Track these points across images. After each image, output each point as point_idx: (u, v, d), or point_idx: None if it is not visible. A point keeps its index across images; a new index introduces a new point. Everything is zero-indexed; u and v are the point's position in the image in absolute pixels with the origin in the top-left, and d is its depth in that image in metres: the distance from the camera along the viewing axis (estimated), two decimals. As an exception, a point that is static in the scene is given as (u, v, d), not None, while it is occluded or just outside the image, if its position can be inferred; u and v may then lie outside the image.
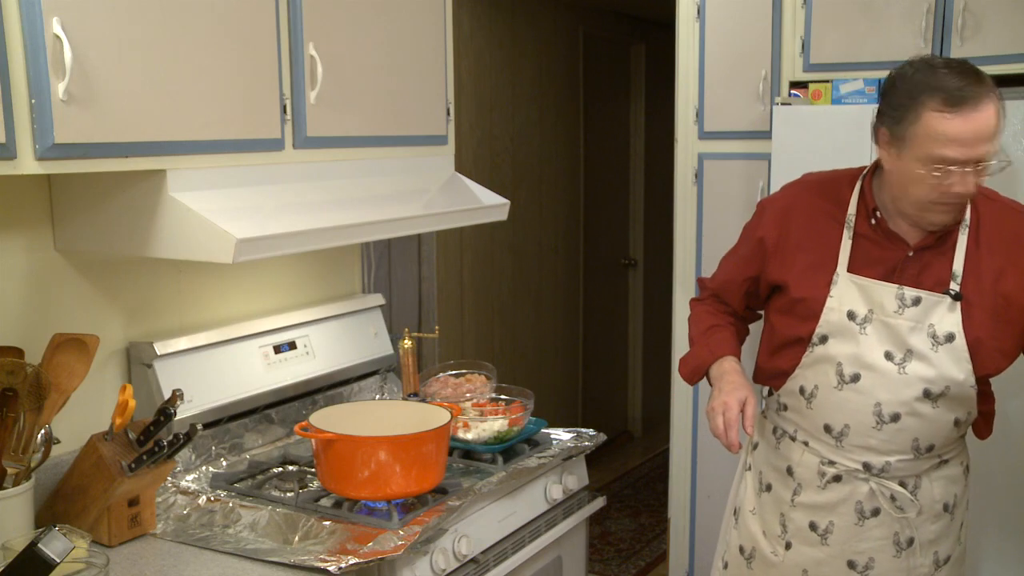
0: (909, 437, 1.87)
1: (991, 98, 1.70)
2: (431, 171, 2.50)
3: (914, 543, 1.94)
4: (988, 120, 1.69)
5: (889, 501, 1.92)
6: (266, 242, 1.84)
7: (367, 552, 1.79)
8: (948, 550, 1.98)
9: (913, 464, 1.90)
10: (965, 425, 1.94)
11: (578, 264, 5.33)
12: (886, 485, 1.91)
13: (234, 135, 1.91)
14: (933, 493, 1.93)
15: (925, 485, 1.92)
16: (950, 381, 1.84)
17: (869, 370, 1.86)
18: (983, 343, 1.82)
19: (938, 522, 1.95)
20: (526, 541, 2.25)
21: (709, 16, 3.37)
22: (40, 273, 1.98)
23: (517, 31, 4.64)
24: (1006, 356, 1.86)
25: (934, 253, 1.86)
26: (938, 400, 1.85)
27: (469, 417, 2.33)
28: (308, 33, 2.05)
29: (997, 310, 1.83)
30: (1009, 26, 2.78)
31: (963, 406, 1.89)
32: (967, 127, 1.68)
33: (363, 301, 2.72)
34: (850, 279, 1.89)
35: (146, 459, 1.84)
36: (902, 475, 1.91)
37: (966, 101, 1.68)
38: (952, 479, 1.95)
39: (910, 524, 1.93)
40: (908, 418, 1.86)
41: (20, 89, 1.54)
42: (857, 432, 1.89)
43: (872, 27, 2.98)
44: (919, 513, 1.93)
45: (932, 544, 1.96)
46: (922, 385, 1.84)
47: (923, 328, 1.83)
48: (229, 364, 2.27)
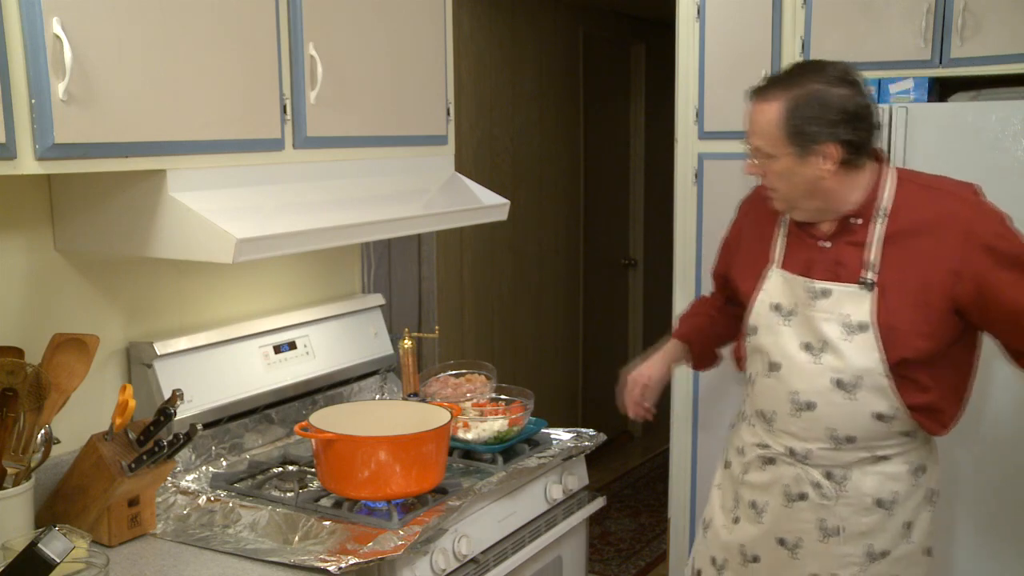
0: (825, 426, 1.92)
1: (773, 99, 1.83)
2: (431, 171, 2.50)
3: (842, 532, 1.97)
4: (757, 115, 1.86)
5: (814, 488, 1.97)
6: (266, 242, 1.84)
7: (367, 552, 1.79)
8: (886, 544, 1.97)
9: (835, 454, 1.94)
10: (896, 422, 1.91)
11: (578, 264, 5.33)
12: (810, 472, 1.97)
13: (234, 135, 1.91)
14: (863, 487, 1.94)
15: (855, 477, 1.94)
16: (863, 371, 1.87)
17: (788, 360, 1.95)
18: (898, 330, 1.84)
19: (870, 516, 1.95)
20: (526, 541, 2.25)
21: (709, 16, 3.36)
22: (40, 273, 1.98)
23: (517, 31, 4.64)
24: (927, 338, 1.85)
25: (850, 244, 1.90)
26: (853, 391, 1.89)
27: (469, 417, 2.33)
28: (308, 33, 2.05)
29: (917, 294, 1.84)
30: (1009, 26, 2.78)
31: (882, 398, 1.88)
32: (747, 116, 1.89)
33: (363, 301, 2.72)
34: (778, 274, 1.99)
35: (146, 459, 1.84)
36: (827, 464, 1.95)
37: (756, 94, 1.88)
38: (892, 476, 1.95)
39: (835, 513, 1.96)
40: (823, 407, 1.91)
41: (20, 89, 1.54)
42: (781, 418, 1.98)
43: (872, 27, 2.98)
44: (845, 504, 1.95)
45: (864, 536, 1.96)
46: (834, 375, 1.89)
47: (836, 319, 1.89)
48: (229, 364, 2.27)
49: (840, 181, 1.86)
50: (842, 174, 1.85)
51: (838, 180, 1.86)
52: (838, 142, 1.81)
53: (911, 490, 1.97)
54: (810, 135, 1.81)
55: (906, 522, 1.98)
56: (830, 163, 1.83)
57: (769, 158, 1.87)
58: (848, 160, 1.84)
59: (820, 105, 1.80)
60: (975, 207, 1.86)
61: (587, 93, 5.23)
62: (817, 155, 1.82)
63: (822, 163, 1.83)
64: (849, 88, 1.83)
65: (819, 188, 1.87)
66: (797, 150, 1.83)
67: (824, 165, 1.83)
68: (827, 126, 1.80)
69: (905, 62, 2.94)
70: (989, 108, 2.72)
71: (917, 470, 1.98)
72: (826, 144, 1.81)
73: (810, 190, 1.87)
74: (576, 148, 5.20)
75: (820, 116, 1.80)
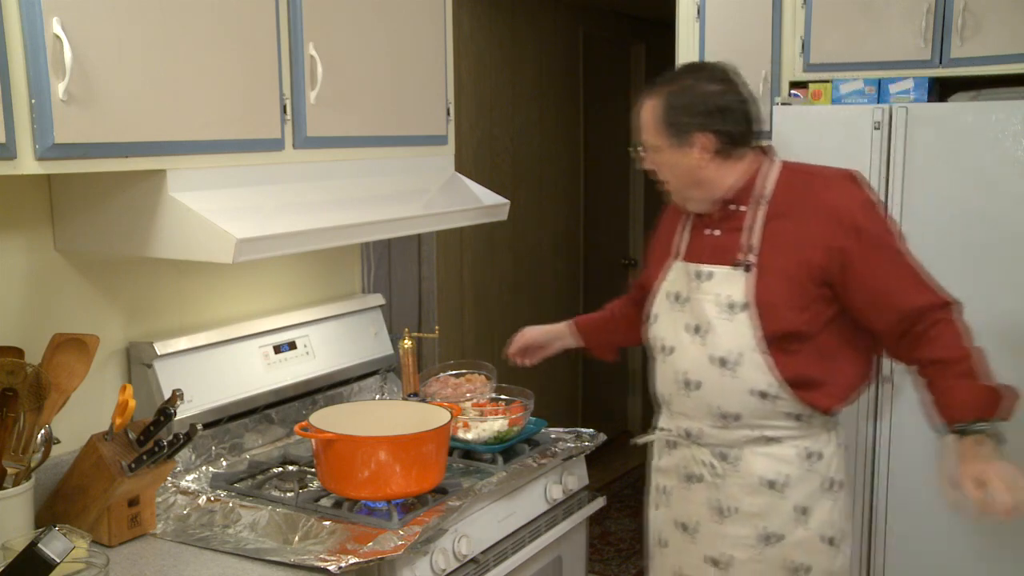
0: (711, 404, 2.01)
1: (654, 95, 1.99)
2: (431, 171, 2.50)
3: (735, 512, 2.03)
4: (643, 111, 2.01)
5: (708, 468, 2.05)
6: (266, 242, 1.84)
7: (367, 552, 1.79)
8: (779, 528, 2.01)
9: (723, 433, 2.02)
10: (780, 401, 1.97)
11: (578, 264, 5.33)
12: (704, 453, 2.05)
13: (234, 135, 1.91)
14: (753, 467, 2.01)
15: (746, 458, 2.01)
16: (742, 348, 1.96)
17: (678, 342, 2.05)
18: (775, 305, 1.94)
19: (760, 497, 2.01)
20: (526, 541, 2.25)
21: (709, 16, 3.36)
22: (40, 273, 1.98)
23: (517, 31, 4.64)
24: (801, 311, 1.94)
25: (734, 229, 2.01)
26: (734, 368, 1.97)
27: (469, 417, 2.33)
28: (308, 33, 2.05)
29: (791, 272, 1.94)
30: (1009, 26, 2.78)
31: (761, 374, 1.96)
32: (637, 114, 2.04)
33: (363, 301, 2.72)
34: (678, 265, 2.09)
35: (146, 459, 1.84)
36: (718, 444, 2.03)
37: (643, 93, 2.04)
38: (781, 459, 2.00)
39: (727, 493, 2.03)
40: (707, 385, 2.01)
41: (20, 89, 1.54)
42: (675, 400, 2.08)
43: (872, 27, 2.98)
44: (736, 484, 2.02)
45: (756, 518, 2.02)
46: (715, 353, 1.99)
47: (717, 300, 1.99)
48: (229, 364, 2.27)
49: (718, 170, 1.99)
50: (719, 163, 1.98)
51: (716, 169, 1.98)
52: (710, 132, 1.95)
53: (804, 475, 2.01)
54: (683, 125, 1.96)
55: (800, 507, 2.01)
56: (705, 153, 1.96)
57: (655, 151, 2.02)
58: (723, 150, 1.97)
59: (692, 99, 1.96)
60: (847, 190, 1.97)
61: (587, 93, 5.23)
62: (692, 145, 1.96)
63: (697, 153, 1.97)
64: (722, 85, 1.98)
65: (699, 177, 1.99)
66: (674, 140, 1.97)
67: (700, 154, 1.97)
68: (698, 117, 1.95)
69: (905, 62, 2.94)
70: (989, 108, 2.73)
71: (811, 456, 2.02)
72: (698, 134, 1.95)
73: (692, 179, 2.00)
74: (576, 148, 5.20)
75: (691, 108, 1.95)
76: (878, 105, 2.88)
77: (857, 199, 1.95)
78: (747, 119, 1.99)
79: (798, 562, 2.02)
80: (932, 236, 2.83)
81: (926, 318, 1.91)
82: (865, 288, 1.92)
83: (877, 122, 2.87)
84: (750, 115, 2.00)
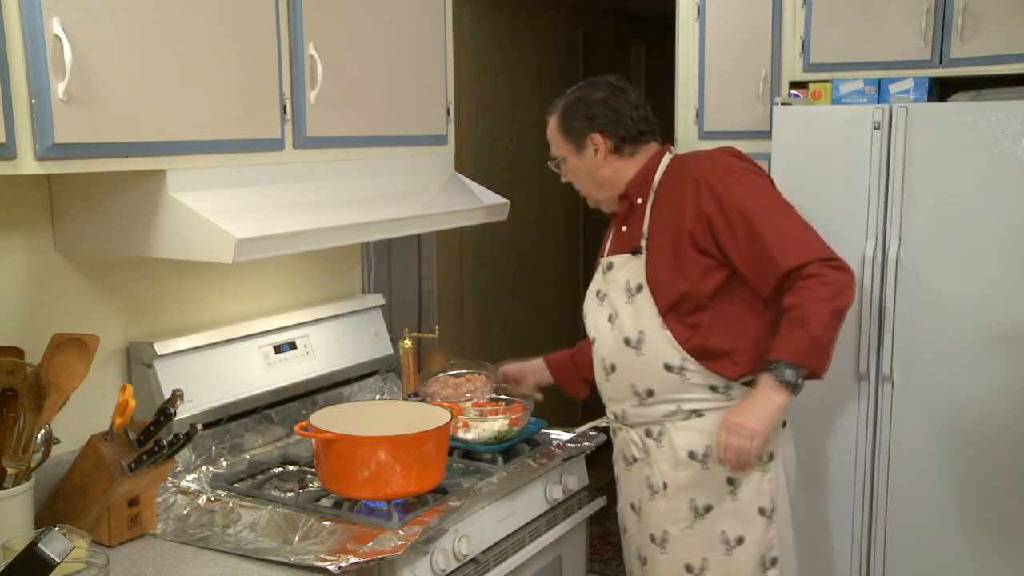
0: (627, 383, 2.14)
1: (554, 110, 2.20)
2: (431, 171, 2.50)
3: (666, 487, 2.13)
4: (549, 127, 2.21)
5: (638, 448, 2.18)
6: (266, 242, 1.84)
7: (367, 552, 1.79)
8: (709, 499, 2.10)
9: (644, 410, 2.14)
10: (690, 373, 2.06)
11: (578, 264, 5.32)
12: (632, 433, 2.18)
13: (234, 135, 1.91)
14: (676, 441, 2.11)
15: (670, 432, 2.12)
16: (644, 326, 2.08)
17: (599, 333, 2.20)
18: (664, 283, 2.06)
19: (687, 469, 2.10)
20: (526, 541, 2.25)
21: (709, 16, 3.37)
22: (40, 273, 1.98)
23: (517, 31, 4.64)
24: (684, 280, 2.04)
25: (636, 222, 2.15)
26: (639, 346, 2.10)
27: (469, 417, 2.33)
28: (308, 33, 2.05)
29: (672, 245, 2.05)
30: (1009, 26, 2.78)
31: (665, 347, 2.07)
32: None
33: (363, 301, 2.72)
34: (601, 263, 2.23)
35: (146, 459, 1.84)
36: (642, 422, 2.15)
37: (548, 112, 2.23)
38: (704, 431, 2.08)
39: (657, 469, 2.14)
40: (621, 366, 2.14)
41: (20, 89, 1.54)
42: (603, 386, 2.23)
43: (872, 27, 2.98)
44: (663, 459, 2.12)
45: (685, 490, 2.11)
46: (623, 334, 2.12)
47: (619, 286, 2.14)
48: (229, 364, 2.27)
49: (617, 169, 2.15)
50: (616, 161, 2.14)
51: (615, 168, 2.15)
52: (599, 132, 2.12)
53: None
54: (577, 130, 2.14)
55: (728, 478, 2.08)
56: (601, 152, 2.13)
57: (564, 161, 2.20)
58: (618, 147, 2.13)
59: (581, 105, 2.14)
60: (711, 162, 2.08)
61: (587, 93, 5.22)
62: (588, 147, 2.14)
63: (594, 154, 2.14)
64: (608, 91, 2.15)
65: (600, 177, 2.17)
66: (573, 146, 2.16)
67: (597, 154, 2.14)
68: (587, 120, 2.13)
69: (905, 62, 2.94)
70: (989, 108, 2.73)
71: None
72: (591, 135, 2.12)
73: (595, 181, 2.18)
74: (576, 148, 5.19)
75: (581, 113, 2.14)
76: (878, 105, 2.88)
77: (719, 166, 2.05)
78: (635, 117, 2.14)
79: (731, 533, 2.09)
80: (932, 236, 2.83)
81: (802, 272, 1.95)
82: (741, 251, 2.00)
83: (877, 122, 2.87)
84: (639, 114, 2.14)
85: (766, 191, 2.05)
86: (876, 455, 2.97)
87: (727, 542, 2.10)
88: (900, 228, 2.87)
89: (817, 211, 2.98)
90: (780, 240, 1.97)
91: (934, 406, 2.87)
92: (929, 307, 2.85)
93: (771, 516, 2.10)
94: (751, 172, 2.07)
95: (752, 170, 2.08)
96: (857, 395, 2.98)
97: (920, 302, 2.86)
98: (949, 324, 2.82)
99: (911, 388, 2.90)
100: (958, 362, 2.82)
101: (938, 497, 2.89)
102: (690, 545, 2.11)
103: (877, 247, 2.90)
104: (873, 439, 2.98)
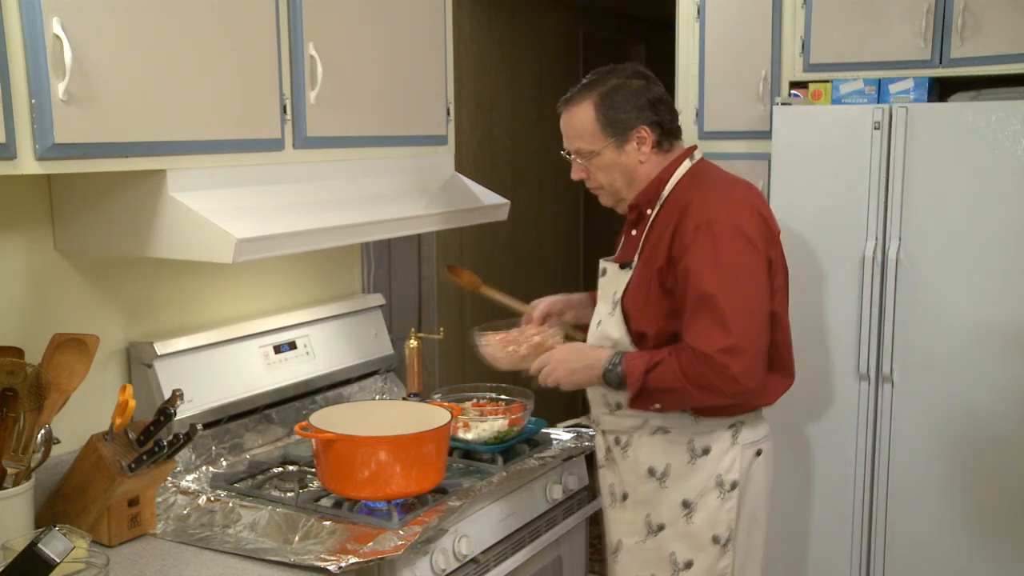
0: (600, 391, 2.10)
1: (578, 102, 2.02)
2: (431, 171, 2.50)
3: (627, 498, 2.10)
4: (572, 119, 2.03)
5: (607, 453, 2.16)
6: (266, 242, 1.84)
7: (367, 552, 1.79)
8: (663, 518, 2.05)
9: (614, 419, 2.10)
10: None
11: (578, 264, 5.32)
12: (606, 438, 2.15)
13: (234, 135, 1.91)
14: (639, 454, 2.07)
15: (635, 443, 2.08)
16: (616, 341, 2.04)
17: (591, 335, 2.14)
18: (632, 314, 2.01)
19: (646, 484, 2.06)
20: (526, 541, 2.25)
21: (709, 16, 3.37)
22: (40, 273, 1.98)
23: (517, 31, 4.64)
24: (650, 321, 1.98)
25: (639, 232, 2.06)
26: None
27: (469, 417, 2.33)
28: (308, 33, 2.05)
29: (647, 274, 1.98)
30: (1009, 26, 2.78)
31: None
32: (562, 124, 2.06)
33: (363, 301, 2.72)
34: None
35: (146, 459, 1.84)
36: (613, 430, 2.12)
37: (566, 103, 2.05)
38: (666, 450, 2.04)
39: (621, 479, 2.11)
40: None
41: (20, 89, 1.54)
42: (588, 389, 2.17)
43: (872, 27, 2.98)
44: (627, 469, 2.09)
45: (643, 505, 2.08)
46: (601, 343, 2.08)
47: (609, 296, 2.08)
48: (229, 364, 2.27)
49: (655, 166, 2.02)
50: (655, 157, 2.01)
51: (653, 165, 2.02)
52: (648, 124, 1.99)
53: (688, 469, 2.02)
54: (623, 122, 1.98)
55: (684, 500, 2.03)
56: (646, 146, 2.00)
57: (592, 155, 2.02)
58: (659, 143, 2.00)
59: (625, 95, 1.99)
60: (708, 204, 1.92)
61: (587, 93, 5.22)
62: (632, 140, 1.99)
63: (639, 147, 2.00)
64: (644, 80, 2.02)
65: (640, 174, 2.02)
66: (615, 140, 1.99)
67: (641, 148, 2.00)
68: (635, 111, 1.98)
69: (905, 62, 2.94)
70: (989, 108, 2.73)
71: (699, 450, 2.02)
72: (638, 128, 1.98)
73: (630, 178, 2.03)
74: (576, 148, 5.19)
75: (627, 103, 1.98)
76: (878, 105, 2.88)
77: (708, 215, 1.89)
78: (673, 109, 2.04)
79: (680, 556, 2.04)
80: (932, 236, 2.83)
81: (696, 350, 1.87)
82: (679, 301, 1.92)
83: (877, 122, 2.87)
84: (673, 106, 2.06)
85: (734, 261, 1.88)
86: (876, 455, 2.97)
87: (675, 564, 2.04)
88: (900, 228, 2.87)
89: (817, 211, 2.99)
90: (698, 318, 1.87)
91: (934, 406, 2.87)
92: (929, 307, 2.85)
93: (726, 546, 2.02)
94: (737, 237, 1.88)
95: (742, 234, 1.89)
96: (857, 395, 2.98)
97: (920, 302, 2.86)
98: (949, 324, 2.82)
99: (911, 388, 2.90)
100: (958, 362, 2.82)
101: (938, 497, 2.89)
102: (640, 560, 2.08)
103: (877, 247, 2.90)
104: (873, 439, 2.98)
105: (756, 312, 1.89)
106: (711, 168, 2.06)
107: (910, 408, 2.90)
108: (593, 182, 2.08)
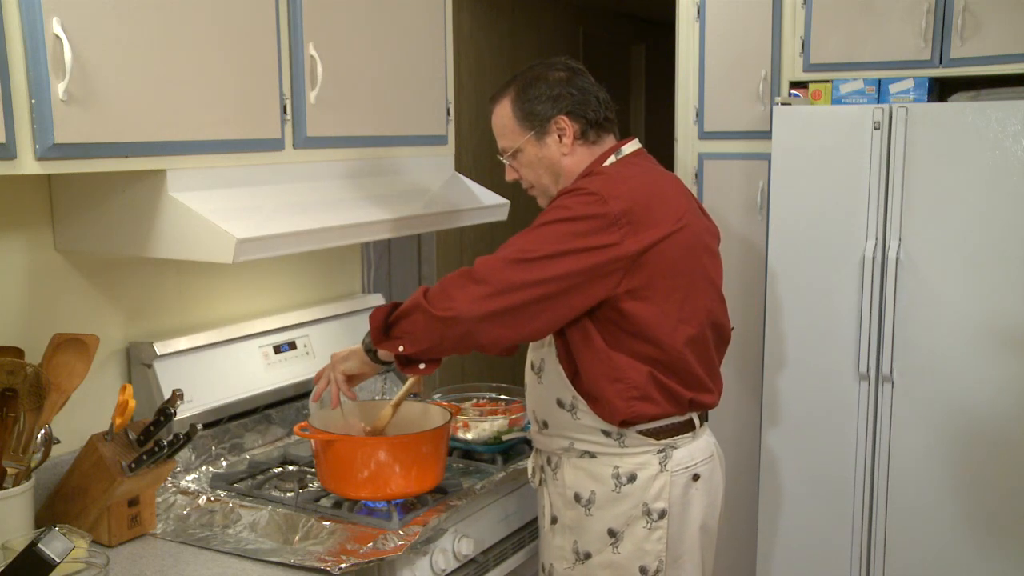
0: (530, 408, 2.02)
1: (499, 99, 1.98)
2: (431, 171, 2.50)
3: (557, 522, 1.99)
4: (495, 118, 2.00)
5: (539, 472, 2.05)
6: (266, 242, 1.84)
7: (367, 552, 1.79)
8: (588, 546, 1.93)
9: (543, 439, 2.00)
10: (581, 413, 1.90)
11: (578, 264, 5.31)
12: (540, 456, 2.04)
13: (234, 135, 1.91)
14: (566, 477, 1.96)
15: (563, 467, 1.97)
16: (545, 356, 1.94)
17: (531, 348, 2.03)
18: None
19: (572, 510, 1.94)
20: (526, 541, 2.25)
21: (709, 16, 3.36)
22: (40, 273, 1.98)
23: (517, 31, 4.64)
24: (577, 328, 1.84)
25: None
26: (540, 374, 1.97)
27: (469, 417, 2.33)
28: (308, 33, 2.05)
29: None
30: (1009, 26, 2.78)
31: (558, 382, 1.91)
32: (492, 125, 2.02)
33: (363, 301, 2.72)
34: None
35: (146, 459, 1.84)
36: (544, 449, 2.02)
37: (489, 102, 2.03)
38: (592, 475, 1.92)
39: (551, 501, 2.00)
40: (528, 390, 2.03)
41: (20, 89, 1.54)
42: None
43: (872, 27, 2.98)
44: (555, 492, 1.98)
45: (571, 531, 1.95)
46: (531, 358, 2.00)
47: None
48: (229, 364, 2.27)
49: (580, 159, 1.93)
50: (579, 149, 1.93)
51: (578, 157, 1.93)
52: (567, 114, 1.91)
53: (614, 497, 1.90)
54: (539, 113, 1.92)
55: (610, 529, 1.91)
56: (567, 137, 1.92)
57: (517, 153, 1.96)
58: (584, 133, 1.92)
59: (542, 87, 1.92)
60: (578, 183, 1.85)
61: (587, 93, 5.22)
62: (552, 132, 1.92)
63: (560, 139, 1.92)
64: (568, 71, 1.94)
65: (563, 167, 1.94)
66: (534, 133, 1.93)
67: (563, 140, 1.92)
68: (550, 101, 1.91)
69: (905, 62, 2.94)
70: (989, 108, 2.73)
71: (624, 477, 1.90)
72: (556, 119, 1.91)
73: (555, 171, 1.95)
74: (576, 148, 5.20)
75: (544, 95, 1.91)
76: (878, 105, 2.88)
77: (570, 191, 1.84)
78: (600, 99, 1.94)
79: None
80: (932, 236, 2.83)
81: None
82: None
83: (877, 122, 2.87)
84: (603, 96, 1.96)
85: (543, 233, 1.83)
86: (876, 455, 2.97)
87: None
88: (900, 228, 2.87)
89: (817, 211, 2.99)
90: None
91: (934, 406, 2.87)
92: (929, 307, 2.85)
93: None
94: (564, 220, 1.81)
95: (568, 217, 1.80)
96: (857, 395, 2.98)
97: (920, 302, 2.86)
98: (949, 324, 2.82)
99: (911, 388, 2.90)
100: (958, 362, 2.82)
101: (938, 497, 2.89)
102: None
103: (877, 247, 2.90)
104: (873, 439, 2.98)
105: (526, 267, 1.78)
106: (640, 160, 1.95)
107: (910, 408, 2.90)
108: (524, 181, 2.01)
